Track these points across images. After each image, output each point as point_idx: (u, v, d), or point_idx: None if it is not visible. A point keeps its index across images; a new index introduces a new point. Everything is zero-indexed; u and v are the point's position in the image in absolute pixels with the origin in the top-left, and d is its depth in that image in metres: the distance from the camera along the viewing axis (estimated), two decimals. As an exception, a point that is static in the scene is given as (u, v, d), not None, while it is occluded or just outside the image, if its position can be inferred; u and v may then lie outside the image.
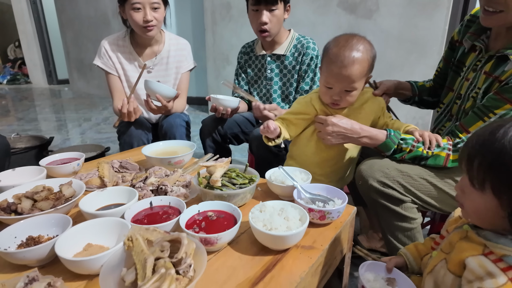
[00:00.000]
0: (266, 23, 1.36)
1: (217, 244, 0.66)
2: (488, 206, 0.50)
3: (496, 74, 0.87)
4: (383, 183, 0.93)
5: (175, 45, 1.61)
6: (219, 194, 0.81)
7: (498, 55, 0.87)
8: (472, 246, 0.52)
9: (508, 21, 0.82)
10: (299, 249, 0.70)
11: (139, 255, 0.58)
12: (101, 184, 0.95)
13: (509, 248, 0.47)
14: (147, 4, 1.39)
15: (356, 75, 0.91)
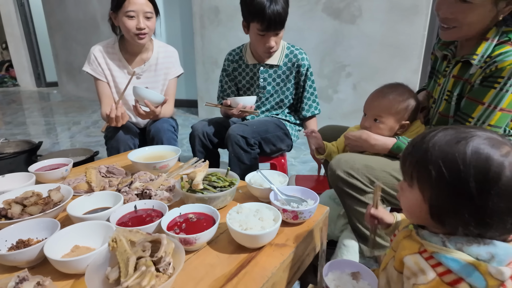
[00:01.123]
0: (273, 46, 1.43)
1: (196, 244, 0.72)
2: (415, 201, 0.55)
3: (466, 77, 0.95)
4: (348, 174, 1.01)
5: (164, 53, 1.66)
6: (200, 197, 0.87)
7: (462, 60, 0.96)
8: (411, 245, 0.57)
9: (462, 35, 0.91)
10: (273, 247, 0.76)
11: (123, 254, 0.63)
12: (89, 189, 0.99)
13: (438, 246, 0.52)
14: (140, 13, 1.44)
15: (383, 107, 1.07)
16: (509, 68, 0.83)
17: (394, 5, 2.47)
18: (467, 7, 0.84)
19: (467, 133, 0.51)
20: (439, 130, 0.54)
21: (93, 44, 1.62)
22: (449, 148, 0.50)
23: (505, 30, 0.90)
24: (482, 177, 0.47)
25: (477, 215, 0.48)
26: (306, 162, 2.42)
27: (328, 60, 2.84)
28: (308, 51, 2.87)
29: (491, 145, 0.48)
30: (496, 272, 0.47)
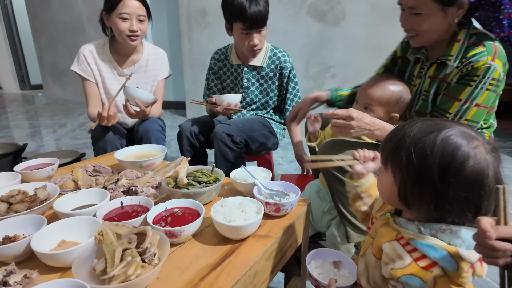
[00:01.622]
0: (257, 44, 1.46)
1: (181, 236, 0.74)
2: (388, 183, 0.59)
3: (441, 76, 1.01)
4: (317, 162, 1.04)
5: (153, 55, 1.68)
6: (186, 192, 0.89)
7: (438, 62, 1.03)
8: (389, 232, 0.60)
9: (426, 41, 1.00)
10: (256, 238, 0.79)
11: (109, 246, 0.65)
12: (75, 187, 1.00)
13: (414, 233, 0.56)
14: (134, 15, 1.47)
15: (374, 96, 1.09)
16: (483, 67, 0.90)
17: (375, 8, 2.55)
18: (419, 17, 0.94)
19: (442, 125, 0.55)
20: (419, 121, 0.58)
21: (79, 46, 1.63)
22: (422, 136, 0.54)
23: (472, 32, 0.97)
24: (446, 166, 0.51)
25: (438, 200, 0.52)
26: (293, 162, 2.46)
27: (313, 61, 2.90)
28: (294, 53, 2.95)
29: (462, 137, 0.52)
30: (467, 256, 0.51)
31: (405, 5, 0.96)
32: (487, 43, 0.93)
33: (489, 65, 0.90)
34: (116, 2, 1.45)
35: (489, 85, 0.92)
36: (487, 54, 0.91)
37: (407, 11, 0.96)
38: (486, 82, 0.92)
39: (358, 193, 0.79)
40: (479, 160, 0.51)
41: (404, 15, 0.99)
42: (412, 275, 0.52)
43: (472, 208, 0.52)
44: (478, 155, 0.51)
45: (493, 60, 0.90)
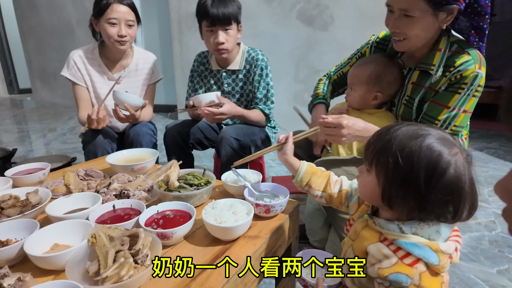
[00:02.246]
0: (223, 42, 1.46)
1: (173, 238, 0.76)
2: (371, 184, 0.63)
3: (427, 85, 1.03)
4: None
5: (143, 59, 1.70)
6: (177, 195, 0.91)
7: (420, 69, 1.04)
8: (371, 234, 0.64)
9: (412, 46, 1.00)
10: (246, 238, 0.81)
11: (102, 249, 0.66)
12: (67, 191, 1.01)
13: (396, 233, 0.59)
14: (122, 21, 1.48)
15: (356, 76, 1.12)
16: (471, 75, 0.93)
17: (362, 12, 2.61)
18: (410, 20, 0.92)
19: (425, 130, 0.58)
20: (404, 125, 0.61)
21: (68, 50, 1.64)
22: (408, 142, 0.57)
23: (452, 40, 1.00)
24: (430, 171, 0.55)
25: (421, 202, 0.56)
26: (284, 164, 2.49)
27: (303, 65, 2.94)
28: (284, 56, 2.99)
29: (443, 145, 0.56)
30: (446, 248, 0.56)
31: (397, 7, 0.93)
32: (471, 51, 0.95)
33: (477, 73, 0.93)
34: (104, 7, 1.46)
35: (475, 92, 0.96)
36: (474, 62, 0.93)
37: (397, 13, 0.94)
38: (473, 89, 0.95)
39: (301, 188, 0.87)
40: (459, 167, 0.55)
41: (393, 17, 0.96)
42: (399, 273, 0.56)
43: (451, 209, 0.56)
44: (458, 162, 0.56)
45: (480, 68, 0.93)
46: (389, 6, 0.97)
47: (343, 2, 2.65)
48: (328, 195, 0.83)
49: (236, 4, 1.46)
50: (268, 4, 2.91)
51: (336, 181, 0.84)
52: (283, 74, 3.05)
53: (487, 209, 1.79)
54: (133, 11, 1.52)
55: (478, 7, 0.91)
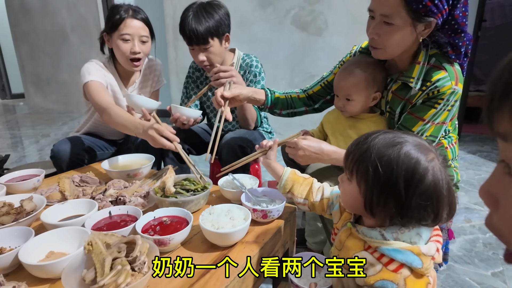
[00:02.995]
0: (204, 60, 1.42)
1: (170, 245, 0.76)
2: (352, 193, 0.63)
3: (407, 97, 1.05)
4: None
5: (150, 67, 1.63)
6: (174, 201, 0.91)
7: (401, 80, 1.05)
8: (355, 243, 0.64)
9: (388, 56, 1.01)
10: (244, 244, 0.81)
11: (98, 256, 0.66)
12: (62, 198, 1.00)
13: (378, 240, 0.60)
14: (136, 36, 1.39)
15: (351, 86, 1.09)
16: (448, 91, 0.95)
17: (356, 19, 2.64)
18: (389, 28, 0.93)
19: (402, 138, 0.60)
20: (380, 133, 0.62)
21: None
22: (386, 150, 0.59)
23: (430, 53, 1.02)
24: (409, 178, 0.56)
25: (402, 209, 0.57)
26: (280, 168, 2.50)
27: (298, 70, 2.97)
28: (279, 62, 3.01)
29: (420, 151, 0.58)
30: (427, 251, 0.57)
31: (378, 12, 0.93)
32: (447, 66, 0.98)
33: (454, 89, 0.95)
34: (118, 22, 1.36)
35: (450, 107, 0.99)
36: (450, 79, 0.96)
37: (378, 19, 0.94)
38: (449, 104, 0.98)
39: (285, 195, 0.88)
40: (436, 172, 0.57)
41: (373, 23, 0.97)
42: (384, 279, 0.57)
43: (431, 213, 0.58)
44: (435, 168, 0.57)
45: (456, 84, 0.96)
46: (371, 12, 0.98)
47: (337, 8, 2.69)
48: (311, 203, 0.84)
49: (218, 15, 1.38)
50: (263, 10, 2.94)
51: (318, 188, 0.85)
52: (278, 79, 3.07)
53: (481, 211, 1.81)
54: (147, 26, 1.44)
55: (455, 24, 0.94)
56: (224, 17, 1.41)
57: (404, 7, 0.89)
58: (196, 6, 1.38)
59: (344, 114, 1.18)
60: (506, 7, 4.06)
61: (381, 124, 1.15)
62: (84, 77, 1.38)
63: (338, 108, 1.18)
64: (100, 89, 1.37)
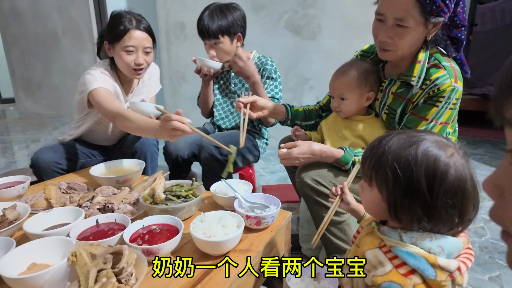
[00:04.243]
0: (214, 56, 1.52)
1: (159, 254, 0.72)
2: (375, 200, 0.61)
3: (408, 97, 1.05)
4: (315, 181, 1.05)
5: (148, 73, 1.60)
6: (164, 208, 0.87)
7: (401, 81, 1.05)
8: (372, 240, 0.62)
9: (399, 56, 1.01)
10: (237, 252, 0.78)
11: (83, 268, 0.62)
12: (48, 206, 0.96)
13: (395, 240, 0.57)
14: (140, 48, 1.36)
15: (344, 85, 1.10)
16: (448, 89, 0.95)
17: (349, 22, 2.65)
18: (403, 30, 0.93)
19: (417, 137, 0.58)
20: (394, 135, 0.60)
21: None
22: (403, 151, 0.56)
23: (430, 52, 1.02)
24: (431, 177, 0.54)
25: (428, 210, 0.55)
26: (275, 172, 2.47)
27: (292, 74, 2.96)
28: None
29: (438, 148, 0.55)
30: (445, 264, 0.53)
31: (391, 15, 0.93)
32: (446, 65, 0.98)
33: (453, 87, 0.96)
34: (121, 34, 1.32)
35: (452, 105, 0.99)
36: (449, 77, 0.96)
37: (390, 22, 0.94)
38: (451, 102, 0.98)
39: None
40: (458, 167, 0.54)
41: (384, 26, 0.96)
42: (392, 282, 0.53)
43: (457, 212, 0.55)
44: (457, 163, 0.55)
45: (456, 82, 0.96)
46: (380, 15, 0.97)
47: (330, 12, 2.69)
48: None
49: (232, 16, 1.49)
50: (257, 14, 2.93)
51: None
52: (272, 83, 3.06)
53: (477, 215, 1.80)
54: (151, 36, 1.41)
55: (457, 20, 0.95)
56: (239, 18, 1.53)
57: (417, 9, 0.89)
58: (213, 7, 1.51)
59: (340, 115, 1.18)
60: (496, 11, 4.12)
61: (376, 125, 1.15)
62: (91, 84, 1.32)
63: (334, 109, 1.19)
64: (110, 95, 1.34)
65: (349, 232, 1.12)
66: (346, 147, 1.08)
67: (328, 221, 0.85)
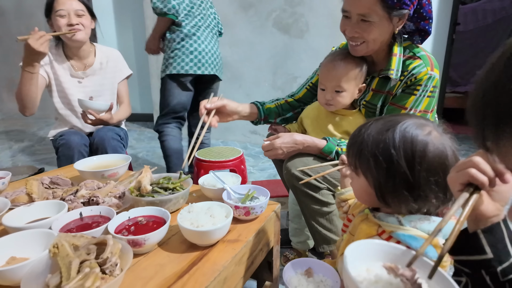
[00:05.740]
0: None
1: (145, 245, 0.70)
2: (363, 187, 0.61)
3: (387, 90, 1.07)
4: (303, 172, 1.06)
5: (107, 57, 1.65)
6: (151, 200, 0.85)
7: (381, 76, 1.07)
8: (369, 227, 0.62)
9: (369, 50, 1.02)
10: (225, 243, 0.77)
11: (64, 259, 0.60)
12: (29, 201, 0.92)
13: (395, 225, 0.57)
14: (71, 11, 1.45)
15: (343, 76, 1.06)
16: (425, 77, 0.99)
17: (336, 21, 2.61)
18: (368, 25, 0.95)
19: (394, 120, 0.58)
20: (371, 122, 0.61)
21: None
22: (381, 136, 0.57)
23: (404, 45, 1.04)
24: (410, 157, 0.54)
25: (413, 190, 0.55)
26: (264, 170, 2.47)
27: (280, 72, 2.96)
28: (261, 64, 3.00)
29: (415, 127, 0.56)
30: None
31: (355, 12, 0.95)
32: (421, 55, 1.01)
33: (430, 75, 0.98)
34: (51, 2, 1.44)
35: (429, 93, 1.01)
36: (425, 65, 0.99)
37: (355, 19, 0.96)
38: (428, 90, 1.00)
39: (339, 202, 0.84)
40: (437, 144, 0.55)
41: (350, 22, 0.98)
42: None
43: (442, 189, 0.55)
44: (434, 140, 0.55)
45: (432, 70, 0.99)
46: (345, 12, 0.99)
47: (318, 10, 2.71)
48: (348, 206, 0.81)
49: None
50: (245, 13, 2.93)
51: None
52: (261, 81, 3.06)
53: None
54: (82, 3, 1.50)
55: (424, 12, 0.97)
56: None
57: (379, 5, 0.92)
58: None
59: (329, 108, 1.13)
60: (478, 11, 4.22)
61: (360, 119, 1.15)
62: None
63: (323, 103, 1.14)
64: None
65: (336, 222, 1.13)
66: (328, 137, 1.09)
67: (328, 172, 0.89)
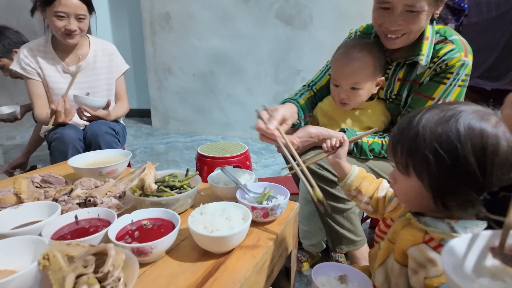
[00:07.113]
0: None
1: (152, 254, 0.61)
2: (414, 189, 0.52)
3: (412, 78, 0.98)
4: (319, 165, 0.97)
5: (101, 51, 1.55)
6: (156, 201, 0.76)
7: (408, 62, 0.98)
8: (413, 233, 0.53)
9: (410, 40, 0.93)
10: (243, 249, 0.67)
11: (57, 273, 0.50)
12: (18, 202, 0.82)
13: (446, 232, 0.49)
14: (72, 15, 1.33)
15: (359, 72, 0.96)
16: (458, 64, 0.89)
17: (341, 12, 2.57)
18: (415, 15, 0.87)
19: (453, 109, 0.49)
20: (423, 112, 0.52)
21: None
22: (441, 128, 0.48)
23: (436, 29, 0.96)
24: (481, 152, 0.46)
25: (482, 191, 0.46)
26: (268, 166, 2.38)
27: (283, 66, 2.86)
28: (263, 57, 2.90)
29: (480, 118, 0.47)
30: None
31: (399, 3, 0.86)
32: (454, 38, 0.92)
33: (463, 61, 0.90)
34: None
35: (461, 82, 0.92)
36: (459, 50, 0.90)
37: (399, 9, 0.87)
38: (459, 78, 0.91)
39: (348, 193, 0.76)
40: (509, 137, 0.47)
41: (392, 14, 0.89)
42: None
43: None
44: (506, 132, 0.47)
45: (466, 56, 0.91)
46: (385, 3, 0.89)
47: (322, 1, 2.61)
48: (375, 200, 0.73)
49: None
50: (246, 4, 2.82)
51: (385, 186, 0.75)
52: (263, 75, 2.96)
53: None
54: (85, 3, 1.37)
55: None
56: None
57: None
58: None
59: (345, 107, 1.05)
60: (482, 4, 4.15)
61: (380, 109, 1.07)
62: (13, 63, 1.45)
63: (338, 101, 1.05)
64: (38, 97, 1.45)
65: (355, 221, 1.04)
66: (347, 128, 1.00)
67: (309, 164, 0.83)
